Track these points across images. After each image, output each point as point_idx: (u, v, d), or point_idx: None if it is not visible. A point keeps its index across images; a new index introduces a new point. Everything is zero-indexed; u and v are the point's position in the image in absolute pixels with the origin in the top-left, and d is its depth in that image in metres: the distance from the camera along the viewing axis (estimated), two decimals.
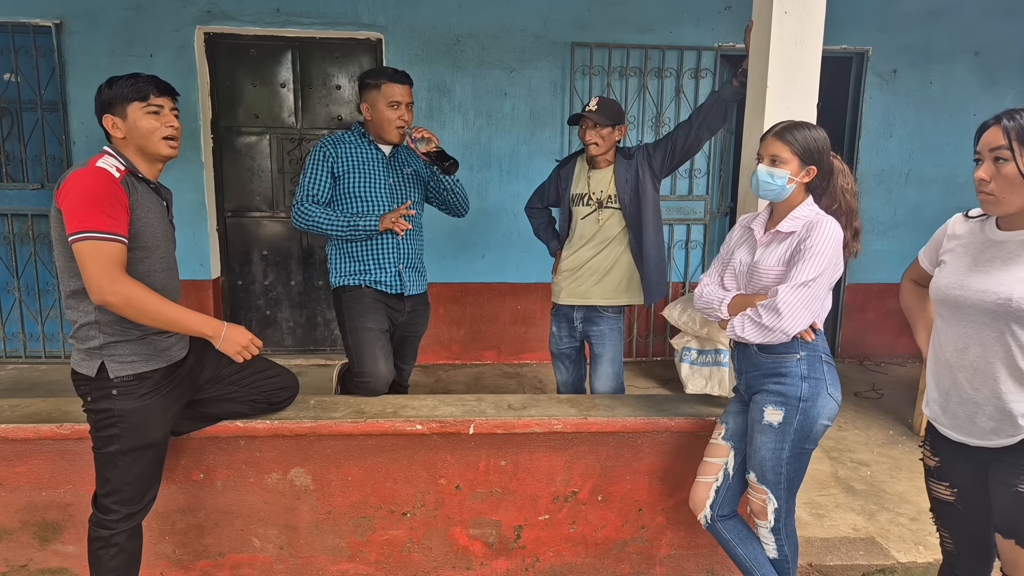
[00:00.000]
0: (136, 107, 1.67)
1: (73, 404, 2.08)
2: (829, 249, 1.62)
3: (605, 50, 4.17)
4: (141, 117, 1.67)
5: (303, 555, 2.11)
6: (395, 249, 2.39)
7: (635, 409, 2.15)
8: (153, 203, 1.71)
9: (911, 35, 4.34)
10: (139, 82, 1.68)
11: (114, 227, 1.57)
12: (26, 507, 2.01)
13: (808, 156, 1.69)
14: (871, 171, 4.50)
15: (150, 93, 1.68)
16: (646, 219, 2.41)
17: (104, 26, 3.94)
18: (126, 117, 1.67)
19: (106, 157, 1.65)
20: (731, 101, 2.34)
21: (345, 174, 2.35)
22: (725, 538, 1.84)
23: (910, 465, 3.03)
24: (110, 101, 1.67)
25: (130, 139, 1.69)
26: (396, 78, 2.33)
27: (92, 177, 1.58)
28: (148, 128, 1.68)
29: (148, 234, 1.68)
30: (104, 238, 1.55)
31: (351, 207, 2.35)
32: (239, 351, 1.73)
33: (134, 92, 1.66)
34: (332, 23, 4.06)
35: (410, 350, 2.60)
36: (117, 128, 1.68)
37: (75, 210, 1.55)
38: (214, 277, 4.30)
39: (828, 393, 1.69)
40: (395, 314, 2.45)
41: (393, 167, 2.43)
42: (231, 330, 1.72)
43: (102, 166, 1.60)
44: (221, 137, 4.27)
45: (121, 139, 1.69)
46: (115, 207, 1.58)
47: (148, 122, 1.68)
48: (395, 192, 2.41)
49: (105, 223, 1.55)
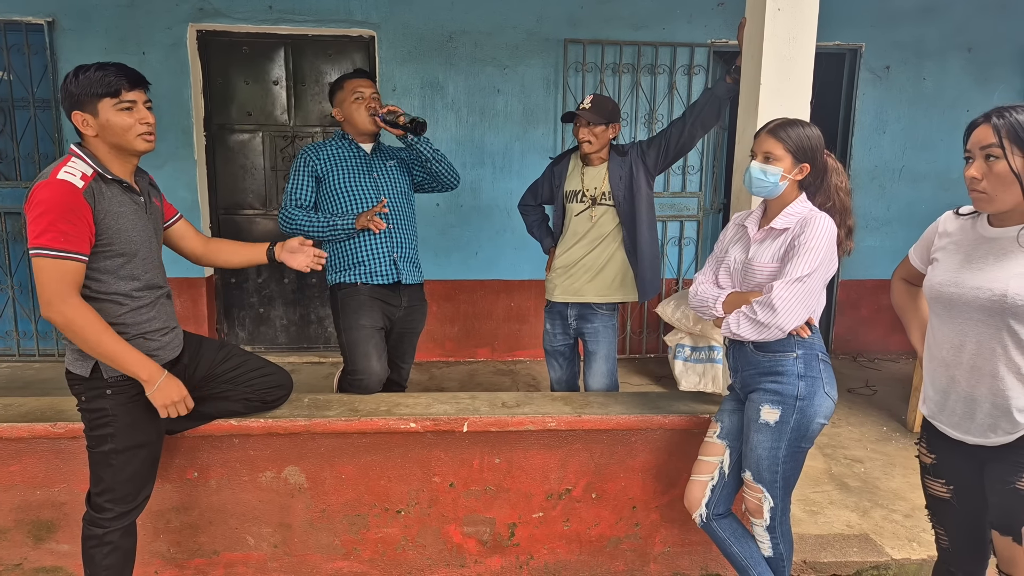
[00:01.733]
0: (107, 104, 1.58)
1: (67, 403, 2.07)
2: (823, 245, 1.63)
3: (598, 47, 4.17)
4: (114, 115, 1.59)
5: (297, 553, 2.11)
6: (387, 238, 2.41)
7: (629, 407, 2.15)
8: (124, 203, 1.65)
9: (904, 31, 4.35)
10: (108, 75, 1.57)
11: (68, 244, 1.52)
12: (20, 506, 2.00)
13: (801, 154, 1.69)
14: (864, 167, 4.51)
15: (121, 88, 1.58)
16: (640, 216, 2.41)
17: (96, 24, 3.92)
18: (97, 114, 1.59)
19: (71, 163, 1.57)
20: (724, 98, 2.34)
21: (328, 174, 2.40)
22: (720, 536, 1.84)
23: (904, 462, 3.04)
24: (79, 97, 1.57)
25: (103, 137, 1.61)
26: (355, 75, 2.43)
27: (50, 190, 1.52)
28: (122, 126, 1.60)
29: (123, 239, 1.63)
30: (57, 256, 1.52)
31: (338, 204, 2.38)
32: (167, 405, 1.69)
33: (104, 87, 1.57)
34: (325, 20, 4.04)
35: (408, 348, 2.60)
36: (88, 126, 1.60)
37: (32, 224, 1.52)
38: (207, 275, 4.29)
39: (825, 392, 1.70)
40: (391, 310, 2.45)
41: (376, 162, 2.46)
42: (168, 381, 1.68)
43: (64, 177, 1.53)
44: (214, 135, 4.25)
45: (93, 137, 1.62)
46: (73, 223, 1.52)
47: (121, 119, 1.59)
48: (379, 184, 2.43)
49: (58, 240, 1.51)
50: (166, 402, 1.69)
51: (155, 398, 1.68)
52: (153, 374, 1.66)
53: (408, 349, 2.60)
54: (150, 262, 1.73)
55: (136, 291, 1.68)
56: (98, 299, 1.63)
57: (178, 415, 1.73)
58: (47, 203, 1.51)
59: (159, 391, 1.67)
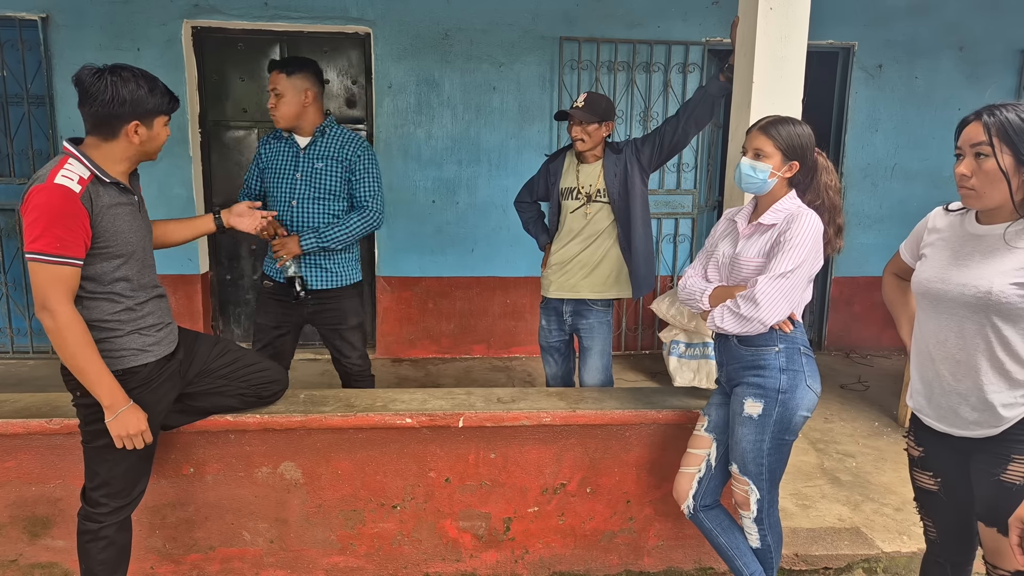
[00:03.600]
0: (161, 120, 1.67)
1: (62, 399, 2.07)
2: (809, 242, 1.65)
3: (593, 44, 4.18)
4: (162, 130, 1.69)
5: (293, 548, 2.12)
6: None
7: (623, 402, 2.17)
8: (123, 206, 1.65)
9: (896, 30, 4.37)
10: (166, 93, 1.66)
11: (65, 250, 1.53)
12: (16, 502, 2.00)
13: (791, 151, 1.71)
14: (857, 165, 4.54)
15: (174, 107, 1.70)
16: (634, 213, 2.43)
17: (91, 20, 3.90)
18: (151, 128, 1.66)
19: (68, 165, 1.56)
20: (718, 96, 2.36)
21: (267, 167, 2.46)
22: (708, 528, 1.87)
23: (895, 456, 3.07)
24: (147, 108, 1.62)
25: (140, 147, 1.65)
26: (272, 67, 2.37)
27: (47, 194, 1.51)
28: (162, 140, 1.71)
29: (120, 241, 1.64)
30: (53, 261, 1.52)
31: (270, 199, 2.46)
32: (122, 436, 1.65)
33: (166, 105, 1.66)
34: (320, 17, 4.04)
35: (341, 342, 2.53)
36: (137, 135, 1.63)
37: (29, 229, 1.52)
38: (203, 272, 4.29)
39: (807, 385, 1.72)
40: (291, 310, 2.46)
41: (304, 161, 2.40)
42: (130, 412, 1.64)
43: (61, 182, 1.52)
44: (209, 131, 4.24)
45: (126, 145, 1.63)
46: (70, 228, 1.53)
47: (163, 135, 1.70)
48: (297, 188, 2.40)
49: (55, 246, 1.51)
50: (121, 432, 1.64)
51: (112, 427, 1.64)
52: (116, 402, 1.63)
53: (342, 343, 2.53)
54: (145, 261, 1.74)
55: (132, 290, 1.69)
56: (95, 297, 1.64)
57: (133, 447, 1.68)
58: (44, 208, 1.51)
59: (118, 420, 1.63)
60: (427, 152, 4.23)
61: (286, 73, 2.32)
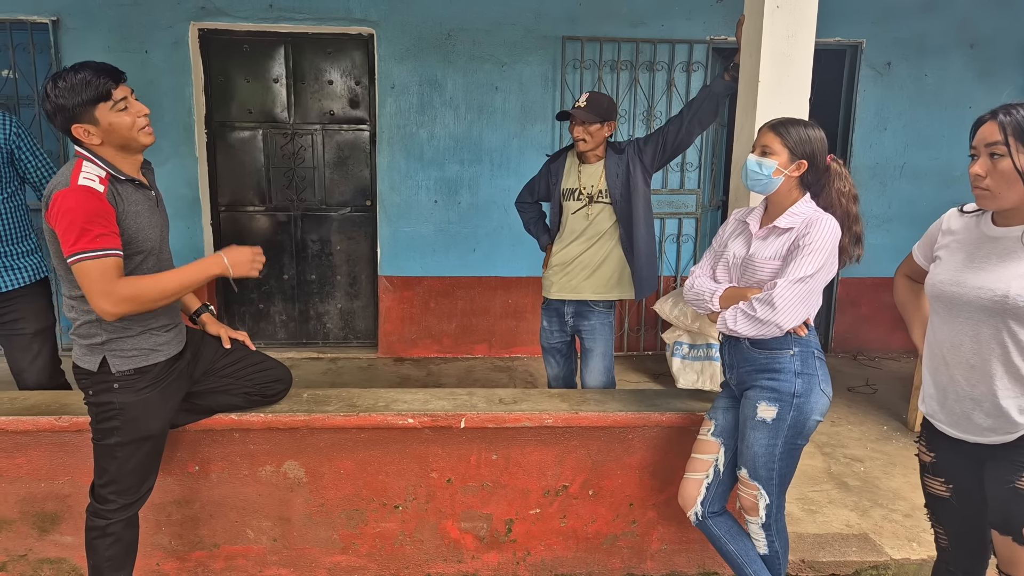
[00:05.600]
0: (104, 108, 1.56)
1: (71, 397, 2.10)
2: (828, 246, 1.63)
3: (596, 44, 4.17)
4: (114, 117, 1.57)
5: (296, 547, 2.13)
6: None
7: (626, 404, 2.16)
8: (140, 201, 1.68)
9: (905, 27, 4.33)
10: (94, 78, 1.54)
11: (105, 243, 1.54)
12: (25, 498, 2.02)
13: (799, 150, 1.69)
14: (865, 164, 4.50)
15: (110, 89, 1.56)
16: (637, 214, 2.41)
17: (100, 23, 3.93)
18: (97, 122, 1.57)
19: (85, 167, 1.57)
20: (722, 96, 2.35)
21: None
22: (715, 534, 1.85)
23: (904, 461, 3.04)
24: (73, 109, 1.54)
25: (108, 141, 1.61)
26: None
27: (76, 196, 1.52)
28: (124, 126, 1.59)
29: (142, 238, 1.66)
30: (97, 256, 1.53)
31: None
32: (251, 267, 1.71)
33: (95, 92, 1.54)
34: (324, 18, 4.05)
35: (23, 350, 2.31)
36: (91, 135, 1.59)
37: (66, 233, 1.52)
38: None
39: (821, 389, 1.70)
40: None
41: None
42: (231, 255, 1.70)
43: (84, 183, 1.53)
44: (215, 132, 4.26)
45: (98, 145, 1.60)
46: (103, 224, 1.54)
47: (122, 119, 1.59)
48: None
49: (96, 242, 1.53)
50: (247, 267, 1.71)
51: (239, 273, 1.69)
52: (215, 262, 1.69)
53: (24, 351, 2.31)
54: (161, 256, 1.76)
55: None
56: None
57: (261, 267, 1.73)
58: (76, 210, 1.52)
59: (235, 267, 1.70)
60: (429, 152, 4.23)
61: None
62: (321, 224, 4.43)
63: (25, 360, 2.31)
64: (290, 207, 4.38)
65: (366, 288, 4.54)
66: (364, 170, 4.39)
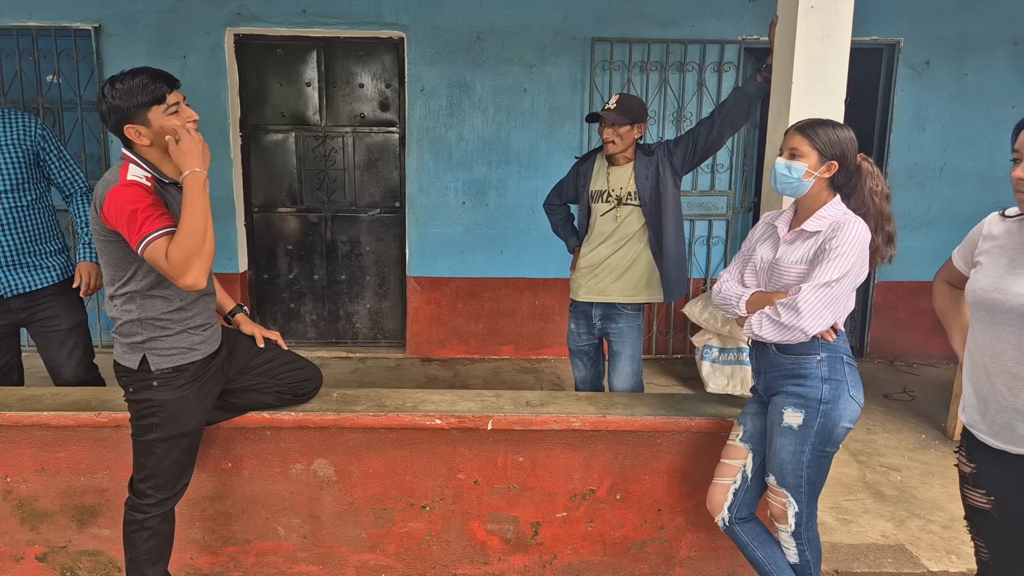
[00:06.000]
0: (157, 111, 1.62)
1: (111, 393, 2.15)
2: (855, 250, 1.59)
3: (626, 45, 4.14)
4: (165, 120, 1.63)
5: (325, 545, 2.16)
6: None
7: (654, 408, 2.14)
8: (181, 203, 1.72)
9: (945, 25, 4.21)
10: (150, 82, 1.61)
11: (165, 222, 1.59)
12: (65, 491, 2.08)
13: (829, 151, 1.66)
14: (903, 165, 4.39)
15: (165, 93, 1.63)
16: (666, 216, 2.39)
17: (140, 29, 4.05)
18: (150, 124, 1.63)
19: (132, 169, 1.63)
20: (755, 97, 2.31)
21: None
22: (743, 541, 1.82)
23: (943, 471, 2.95)
24: (127, 110, 1.61)
25: (157, 144, 1.67)
26: None
27: (129, 190, 1.59)
28: (175, 129, 1.65)
29: None
30: (162, 234, 1.57)
31: None
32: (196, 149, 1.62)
33: (150, 95, 1.61)
34: (356, 23, 4.10)
35: (59, 346, 2.34)
36: (142, 136, 1.65)
37: (128, 225, 1.57)
38: (242, 271, 4.40)
39: (850, 395, 1.66)
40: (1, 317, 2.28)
41: None
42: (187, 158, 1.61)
43: (134, 179, 1.61)
44: (249, 135, 4.36)
45: (147, 146, 1.67)
46: (158, 206, 1.60)
47: (172, 123, 1.64)
48: None
49: (156, 223, 1.57)
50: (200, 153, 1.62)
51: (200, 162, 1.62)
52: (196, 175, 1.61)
53: (58, 345, 2.34)
54: None
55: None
56: (151, 295, 1.71)
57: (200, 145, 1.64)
58: (131, 201, 1.57)
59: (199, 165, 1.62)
60: (458, 154, 4.26)
61: None
62: (351, 225, 4.49)
63: (61, 356, 2.37)
64: (321, 208, 4.45)
65: (394, 288, 4.58)
66: (393, 172, 4.44)
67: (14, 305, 2.29)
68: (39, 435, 2.03)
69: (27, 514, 2.08)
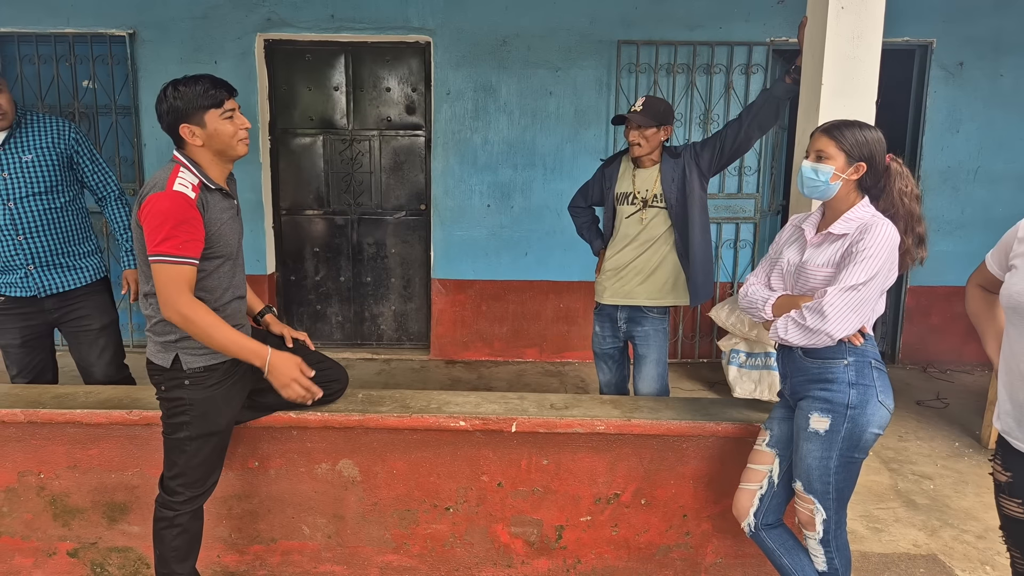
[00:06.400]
0: (214, 114, 1.70)
1: (142, 392, 2.18)
2: (883, 253, 1.56)
3: (652, 47, 4.12)
4: (220, 123, 1.71)
5: (350, 545, 2.17)
6: (19, 249, 2.25)
7: (680, 412, 2.12)
8: (224, 209, 1.78)
9: (979, 25, 4.11)
10: (211, 87, 1.70)
11: (186, 251, 1.65)
12: (97, 488, 2.12)
13: (856, 152, 1.63)
14: (936, 168, 4.29)
15: (224, 99, 1.71)
16: (692, 219, 2.37)
17: (173, 35, 4.15)
18: (205, 125, 1.70)
19: (181, 174, 1.68)
20: (783, 99, 2.28)
21: None
22: (769, 547, 1.80)
23: (977, 479, 2.88)
24: (185, 110, 1.68)
25: (208, 145, 1.73)
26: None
27: (169, 201, 1.64)
28: (228, 133, 1.73)
29: (222, 243, 1.76)
30: (175, 262, 1.64)
31: None
32: (288, 383, 1.76)
33: (210, 99, 1.69)
34: (383, 28, 4.15)
35: (90, 345, 2.39)
36: (195, 136, 1.71)
37: (153, 233, 1.64)
38: (269, 272, 4.47)
39: (878, 400, 1.63)
40: (36, 317, 2.33)
41: (5, 158, 2.23)
42: (276, 358, 1.75)
43: (179, 189, 1.65)
44: (278, 139, 4.43)
45: (199, 147, 1.73)
46: (189, 231, 1.65)
47: (226, 127, 1.72)
48: (10, 187, 2.22)
49: (177, 248, 1.63)
50: (285, 380, 1.76)
51: (275, 379, 1.76)
52: (262, 357, 1.74)
53: (90, 346, 2.39)
54: (237, 262, 1.85)
55: (221, 290, 1.80)
56: None
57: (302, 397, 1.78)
58: (166, 214, 1.63)
59: (273, 372, 1.75)
60: (483, 157, 4.28)
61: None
62: (377, 228, 4.53)
63: (93, 355, 2.42)
64: (347, 211, 4.51)
65: (419, 291, 4.61)
66: (419, 175, 4.47)
67: (47, 305, 2.35)
68: (72, 432, 2.07)
69: (59, 510, 2.13)
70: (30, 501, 2.12)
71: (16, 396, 2.14)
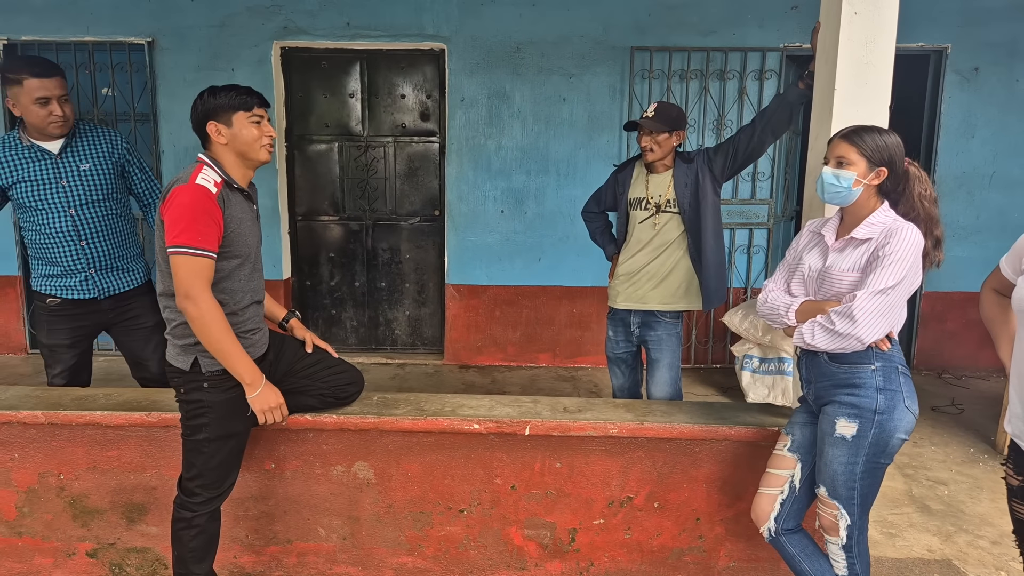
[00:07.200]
0: (241, 116, 1.77)
1: (161, 394, 2.22)
2: (910, 256, 1.56)
3: (665, 54, 4.14)
4: (245, 126, 1.78)
5: (365, 546, 2.19)
6: (81, 253, 2.34)
7: (693, 416, 2.13)
8: (245, 210, 1.83)
9: (995, 30, 4.09)
10: (243, 93, 1.78)
11: (204, 243, 1.69)
12: (116, 488, 2.15)
13: (877, 157, 1.63)
14: (951, 173, 4.27)
15: (254, 104, 1.79)
16: (705, 224, 2.38)
17: (191, 43, 4.22)
18: (231, 125, 1.77)
19: (204, 170, 1.74)
20: (796, 104, 2.29)
21: (13, 186, 2.26)
22: (789, 552, 1.79)
23: (992, 485, 2.86)
24: (215, 108, 1.76)
25: (232, 146, 1.79)
26: (38, 72, 2.17)
27: (191, 194, 1.69)
28: (251, 136, 1.78)
29: (241, 243, 1.80)
30: (195, 253, 1.68)
31: (29, 220, 2.30)
32: (265, 410, 1.85)
33: (240, 102, 1.77)
34: (398, 35, 4.20)
35: (145, 342, 2.49)
36: (220, 134, 1.77)
37: (173, 224, 1.68)
38: (285, 277, 4.52)
39: (905, 406, 1.63)
40: (89, 318, 2.41)
41: (65, 166, 2.30)
42: (267, 388, 1.84)
43: (202, 183, 1.70)
44: (294, 145, 4.49)
45: (223, 145, 1.79)
46: (208, 224, 1.69)
47: (251, 131, 1.78)
48: (71, 194, 2.30)
49: (197, 240, 1.67)
50: (264, 407, 1.85)
51: (255, 403, 1.83)
52: (256, 381, 1.81)
53: (145, 343, 2.49)
54: (255, 265, 1.89)
55: (240, 292, 1.83)
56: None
57: (274, 421, 1.87)
58: (186, 205, 1.68)
59: (259, 397, 1.82)
60: (497, 163, 4.31)
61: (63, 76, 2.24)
62: (391, 233, 4.57)
63: (147, 351, 2.51)
64: (362, 217, 4.55)
65: (433, 296, 4.64)
66: (433, 181, 4.51)
67: (105, 306, 2.44)
68: (92, 434, 2.11)
69: (78, 511, 2.16)
70: (50, 502, 2.15)
71: (37, 398, 2.18)
